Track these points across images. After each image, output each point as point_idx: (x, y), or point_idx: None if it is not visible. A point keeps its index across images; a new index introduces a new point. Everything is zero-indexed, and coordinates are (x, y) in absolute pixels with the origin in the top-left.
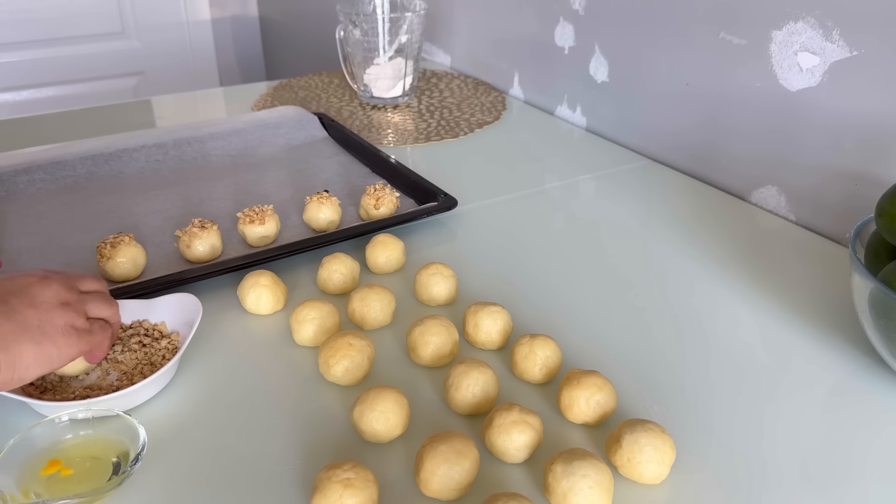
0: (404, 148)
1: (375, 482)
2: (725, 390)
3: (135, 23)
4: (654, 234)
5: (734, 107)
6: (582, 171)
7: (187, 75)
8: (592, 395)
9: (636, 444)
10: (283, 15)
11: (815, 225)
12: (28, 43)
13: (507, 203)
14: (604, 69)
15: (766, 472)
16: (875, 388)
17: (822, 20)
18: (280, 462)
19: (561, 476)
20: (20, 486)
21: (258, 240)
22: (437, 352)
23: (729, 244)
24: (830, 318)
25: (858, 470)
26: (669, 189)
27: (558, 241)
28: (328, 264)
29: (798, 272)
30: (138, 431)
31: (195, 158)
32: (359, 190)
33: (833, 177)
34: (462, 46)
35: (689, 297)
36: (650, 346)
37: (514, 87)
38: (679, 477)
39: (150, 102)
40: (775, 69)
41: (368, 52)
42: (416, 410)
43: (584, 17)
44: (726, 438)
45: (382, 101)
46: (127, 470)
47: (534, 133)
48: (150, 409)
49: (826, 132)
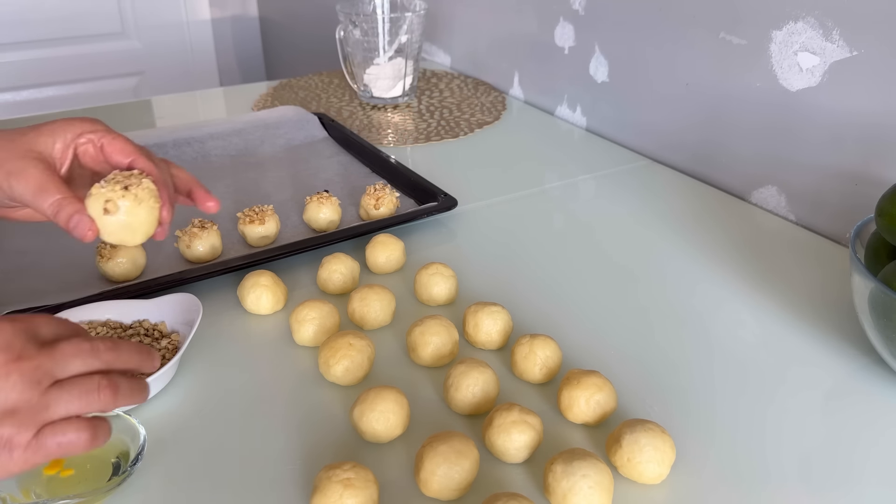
0: (404, 148)
1: (375, 482)
2: (725, 390)
3: (135, 23)
4: (653, 233)
5: (734, 107)
6: (582, 171)
7: (187, 75)
8: (592, 395)
9: (636, 444)
10: (283, 15)
11: (815, 225)
12: (28, 43)
13: (507, 203)
14: (604, 69)
15: (766, 471)
16: (875, 388)
17: (822, 20)
18: (280, 462)
19: (561, 476)
20: (21, 486)
21: (258, 240)
22: (437, 352)
23: (729, 244)
24: (830, 318)
25: (858, 470)
26: (669, 189)
27: (558, 241)
28: (328, 264)
29: (798, 272)
30: (138, 431)
31: (195, 158)
32: (359, 190)
33: (833, 177)
34: (462, 46)
35: (689, 297)
36: (650, 345)
37: (514, 87)
38: (679, 477)
39: (150, 102)
40: (775, 69)
41: (368, 52)
42: (416, 410)
43: (584, 17)
44: (726, 438)
45: (382, 101)
46: (127, 470)
47: (534, 133)
48: (150, 409)
49: (826, 132)
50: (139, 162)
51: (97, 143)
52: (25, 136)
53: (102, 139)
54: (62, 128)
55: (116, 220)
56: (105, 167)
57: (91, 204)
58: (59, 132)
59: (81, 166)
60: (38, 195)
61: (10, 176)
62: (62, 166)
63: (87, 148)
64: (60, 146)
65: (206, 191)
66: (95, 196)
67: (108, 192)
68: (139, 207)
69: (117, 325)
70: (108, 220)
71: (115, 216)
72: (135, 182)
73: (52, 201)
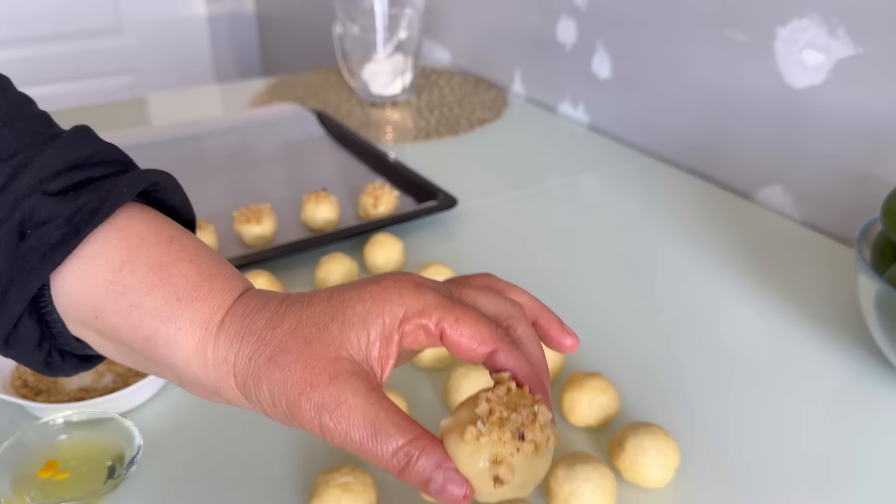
0: (403, 146)
1: (374, 486)
2: (730, 392)
3: (130, 19)
4: (657, 233)
5: (738, 105)
6: (584, 169)
7: (183, 72)
8: (595, 398)
9: (639, 448)
10: (281, 11)
11: (820, 224)
12: (21, 40)
13: (508, 202)
14: (606, 66)
15: (771, 474)
16: (881, 389)
17: (827, 17)
18: (277, 465)
19: (563, 480)
20: (15, 489)
21: (255, 239)
22: (437, 354)
23: (733, 244)
24: (836, 319)
25: (864, 473)
26: (673, 188)
27: (559, 240)
28: (326, 264)
29: (803, 272)
30: (134, 434)
31: (191, 157)
32: (357, 189)
33: (839, 176)
34: (462, 43)
35: (693, 298)
36: (654, 347)
37: (515, 84)
38: (683, 481)
39: (145, 100)
40: (780, 67)
41: (367, 48)
42: (416, 413)
43: (586, 14)
44: (731, 441)
45: (381, 98)
46: (122, 473)
47: (535, 131)
48: (146, 411)
49: (831, 130)
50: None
51: (433, 330)
52: (327, 329)
53: (442, 323)
54: (379, 309)
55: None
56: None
57: (464, 455)
58: (374, 317)
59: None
60: (376, 439)
61: (321, 411)
62: (382, 372)
63: (416, 337)
64: (381, 343)
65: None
66: (474, 448)
67: (495, 444)
68: (539, 460)
69: None
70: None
71: (507, 484)
72: (527, 416)
73: (396, 447)
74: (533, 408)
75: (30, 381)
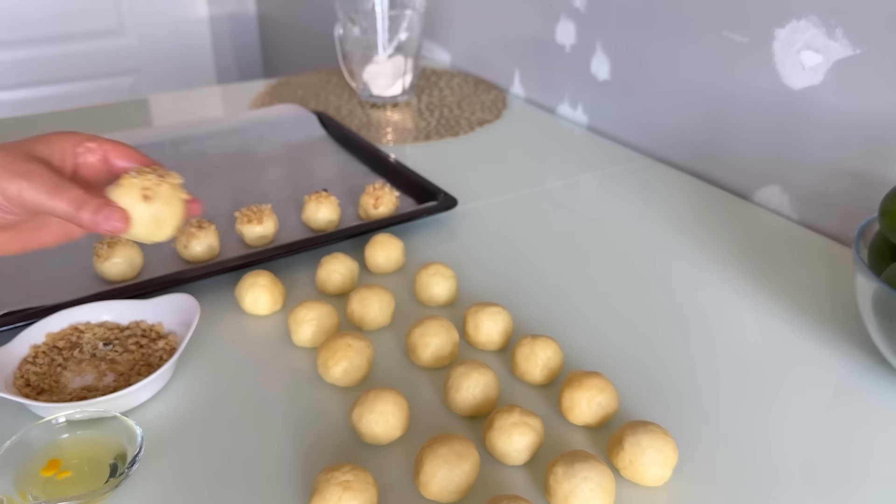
0: (404, 147)
1: (375, 485)
2: (728, 391)
3: (131, 20)
4: (655, 233)
5: (737, 105)
6: (583, 169)
7: (184, 73)
8: (594, 397)
9: (638, 446)
10: (282, 12)
11: (818, 225)
12: (23, 41)
13: (508, 202)
14: (605, 67)
15: (769, 473)
16: (879, 389)
17: (825, 18)
18: (278, 464)
19: (562, 478)
20: (17, 488)
21: (256, 239)
22: (436, 353)
23: (731, 244)
24: (834, 319)
25: (862, 472)
26: (671, 188)
27: (559, 240)
28: (327, 264)
29: (801, 272)
30: (136, 433)
31: (192, 157)
32: (358, 189)
33: (836, 176)
34: (462, 44)
35: (691, 297)
36: (652, 346)
37: (514, 85)
38: (681, 479)
39: (146, 101)
40: (778, 67)
41: (367, 49)
42: (416, 412)
43: (585, 15)
44: (729, 440)
45: (382, 99)
46: (124, 472)
47: (535, 131)
48: (148, 410)
49: (829, 131)
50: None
51: (98, 150)
52: (22, 144)
53: (105, 145)
54: (58, 138)
55: (152, 210)
56: (107, 177)
57: (122, 194)
58: (56, 141)
59: (80, 177)
60: (54, 193)
61: (17, 177)
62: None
63: (87, 157)
64: (59, 155)
65: None
66: (127, 186)
67: (144, 180)
68: (174, 197)
69: (114, 326)
70: (142, 210)
71: (152, 205)
72: (161, 173)
73: (73, 196)
74: (168, 171)
75: (32, 380)
